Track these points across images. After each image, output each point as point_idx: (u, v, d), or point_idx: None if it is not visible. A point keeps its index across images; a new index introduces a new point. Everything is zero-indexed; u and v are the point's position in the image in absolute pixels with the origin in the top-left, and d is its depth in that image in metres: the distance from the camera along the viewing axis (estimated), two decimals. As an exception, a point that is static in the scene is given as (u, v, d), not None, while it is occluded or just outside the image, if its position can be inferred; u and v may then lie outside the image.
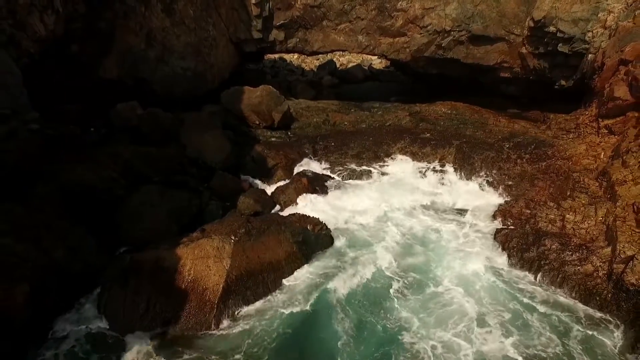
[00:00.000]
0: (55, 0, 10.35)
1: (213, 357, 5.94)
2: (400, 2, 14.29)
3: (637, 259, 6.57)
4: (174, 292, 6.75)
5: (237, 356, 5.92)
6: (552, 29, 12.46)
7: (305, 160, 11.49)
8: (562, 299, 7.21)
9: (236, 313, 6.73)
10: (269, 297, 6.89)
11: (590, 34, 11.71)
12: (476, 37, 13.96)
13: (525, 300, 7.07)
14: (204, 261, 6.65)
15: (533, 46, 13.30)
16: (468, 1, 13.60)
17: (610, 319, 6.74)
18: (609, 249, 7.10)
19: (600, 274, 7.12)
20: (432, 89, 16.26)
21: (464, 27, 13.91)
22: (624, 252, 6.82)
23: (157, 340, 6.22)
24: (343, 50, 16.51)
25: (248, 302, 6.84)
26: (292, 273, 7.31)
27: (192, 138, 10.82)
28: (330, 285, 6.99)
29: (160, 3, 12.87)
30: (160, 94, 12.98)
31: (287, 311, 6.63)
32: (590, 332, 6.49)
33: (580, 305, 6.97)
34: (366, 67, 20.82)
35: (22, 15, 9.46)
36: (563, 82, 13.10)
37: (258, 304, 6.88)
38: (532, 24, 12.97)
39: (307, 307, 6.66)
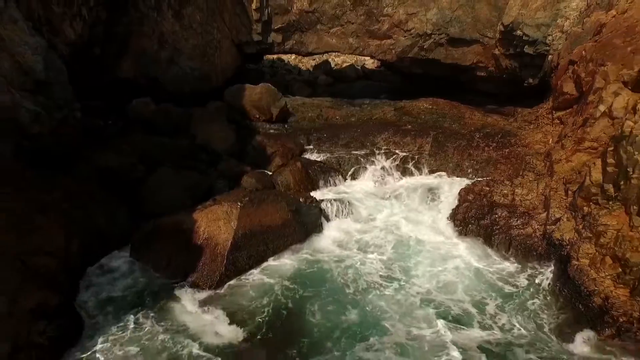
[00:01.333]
0: (83, 8, 12.26)
1: (222, 299, 7.78)
2: (386, 8, 16.23)
3: (562, 220, 8.49)
4: (191, 248, 8.64)
5: (242, 301, 7.73)
6: (519, 32, 14.40)
7: (300, 148, 13.36)
8: (507, 256, 9.08)
9: (242, 265, 8.61)
10: (269, 252, 8.77)
11: (550, 38, 13.65)
12: (454, 40, 15.89)
13: (475, 258, 8.94)
14: (215, 222, 8.55)
15: (504, 48, 15.23)
16: (446, 7, 15.53)
17: (542, 270, 8.62)
18: (545, 214, 9.02)
19: (537, 234, 9.04)
20: (418, 87, 18.15)
21: (443, 31, 15.85)
22: (555, 215, 8.74)
23: (178, 288, 8.04)
24: (335, 52, 18.44)
25: (251, 257, 8.71)
26: (288, 235, 9.18)
27: (200, 129, 12.76)
28: (320, 242, 8.89)
29: (170, 9, 14.81)
30: (171, 91, 14.90)
31: (281, 263, 8.51)
32: (526, 280, 8.36)
33: (521, 259, 8.84)
34: (359, 68, 22.73)
35: (57, 23, 11.39)
36: (530, 80, 15.02)
37: (259, 258, 8.74)
38: (502, 28, 14.90)
39: (297, 260, 8.55)
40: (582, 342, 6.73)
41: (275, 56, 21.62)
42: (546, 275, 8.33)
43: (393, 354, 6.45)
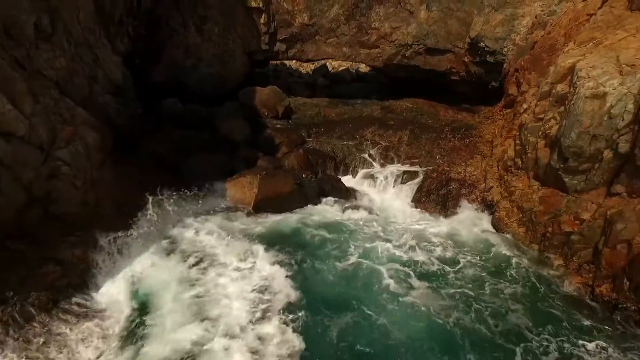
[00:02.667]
0: (129, 27, 16.11)
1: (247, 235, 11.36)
2: (374, 23, 20.11)
3: (493, 187, 12.30)
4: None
5: (259, 235, 11.30)
6: (482, 44, 18.25)
7: (302, 140, 17.17)
8: (462, 214, 12.78)
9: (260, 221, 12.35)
10: (279, 211, 12.54)
11: (505, 49, 17.51)
12: (431, 50, 19.75)
13: (432, 219, 12.66)
14: (241, 189, 12.34)
15: (472, 56, 19.08)
16: (424, 22, 19.40)
17: (485, 224, 12.29)
18: (484, 184, 12.84)
19: (478, 199, 12.83)
20: (403, 88, 21.94)
21: (422, 42, 19.72)
22: (489, 184, 12.56)
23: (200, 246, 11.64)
24: (332, 59, 22.30)
25: (266, 216, 12.46)
26: (293, 201, 12.97)
27: (222, 124, 16.60)
28: (316, 208, 12.67)
29: (194, 25, 18.68)
30: (194, 93, 18.72)
31: (288, 220, 12.25)
32: (471, 226, 12.03)
33: (467, 218, 12.54)
34: (353, 71, 26.61)
35: (112, 40, 15.19)
36: (493, 83, 18.84)
37: (272, 216, 12.47)
38: (469, 40, 18.76)
39: (299, 217, 12.30)
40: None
41: (278, 62, 25.41)
42: (483, 225, 12.03)
43: (353, 266, 9.98)
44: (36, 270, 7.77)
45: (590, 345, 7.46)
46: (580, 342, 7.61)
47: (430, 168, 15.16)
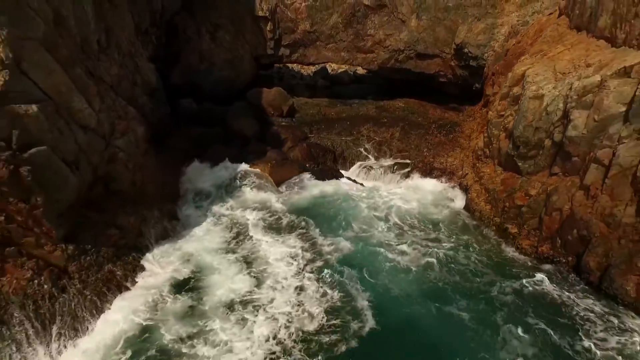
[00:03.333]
0: (153, 37, 18.72)
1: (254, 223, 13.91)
2: (369, 30, 22.74)
3: (468, 174, 14.88)
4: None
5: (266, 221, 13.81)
6: (466, 50, 20.86)
7: (305, 135, 19.74)
8: (440, 195, 15.34)
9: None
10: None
11: (486, 55, 20.11)
12: (421, 54, 22.36)
13: (417, 199, 15.23)
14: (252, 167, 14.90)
15: (457, 61, 21.69)
16: (414, 30, 22.01)
17: (457, 202, 14.89)
18: (461, 172, 15.43)
19: (459, 183, 15.40)
20: (397, 89, 24.44)
21: (412, 47, 22.33)
22: (465, 172, 15.15)
23: (225, 219, 14.22)
24: (331, 62, 24.94)
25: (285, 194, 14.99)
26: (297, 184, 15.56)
27: (234, 121, 19.18)
28: (324, 190, 15.28)
29: (208, 33, 21.29)
30: (207, 94, 21.29)
31: (298, 194, 14.80)
32: (450, 205, 14.57)
33: (444, 199, 15.12)
34: (352, 73, 29.20)
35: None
36: (477, 85, 21.42)
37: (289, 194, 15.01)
38: (455, 46, 21.37)
39: (306, 192, 14.90)
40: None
41: (282, 65, 28.00)
42: (454, 202, 14.60)
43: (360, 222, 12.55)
44: (103, 232, 10.35)
45: (534, 281, 10.00)
46: (526, 281, 10.17)
47: (418, 159, 17.75)
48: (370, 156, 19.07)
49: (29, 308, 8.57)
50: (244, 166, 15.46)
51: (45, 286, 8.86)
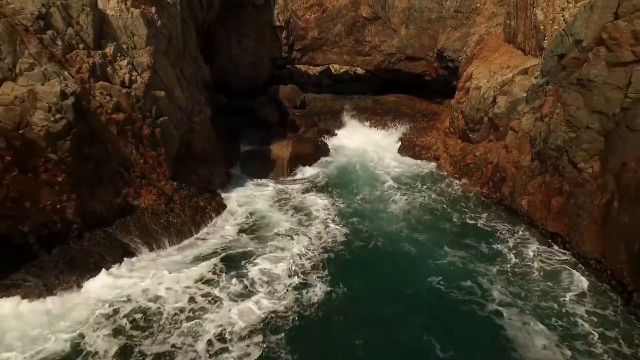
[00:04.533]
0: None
1: (286, 181, 19.96)
2: (367, 37, 28.99)
3: (440, 147, 21.06)
4: (268, 161, 21.13)
5: (296, 186, 19.83)
6: (445, 54, 27.12)
7: (314, 123, 25.94)
8: (420, 165, 21.52)
9: (293, 171, 21.03)
10: (304, 163, 21.28)
11: (460, 58, 26.35)
12: (409, 57, 28.62)
13: (403, 167, 21.39)
14: (280, 149, 21.10)
15: (439, 62, 27.94)
16: (404, 38, 28.28)
17: (430, 167, 21.06)
18: (435, 146, 21.60)
19: (428, 155, 21.58)
20: (391, 86, 30.74)
21: (402, 52, 28.60)
22: (437, 146, 21.35)
23: (262, 182, 20.26)
24: (335, 64, 31.17)
25: (297, 164, 21.17)
26: (312, 157, 21.74)
27: (260, 110, 25.42)
28: (343, 158, 21.46)
29: (235, 41, 27.51)
30: (234, 89, 27.48)
31: (313, 171, 20.94)
32: (426, 170, 20.72)
33: (423, 167, 21.28)
34: (352, 73, 35.48)
35: (187, 53, 23.93)
36: (455, 82, 27.62)
37: (301, 167, 21.18)
38: (437, 51, 27.62)
39: (317, 165, 21.07)
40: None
41: (292, 65, 34.22)
42: (430, 168, 20.74)
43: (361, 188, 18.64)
44: (189, 177, 16.44)
45: (476, 215, 16.08)
46: (474, 215, 16.23)
47: (404, 140, 23.96)
48: (363, 132, 25.28)
49: (154, 218, 14.63)
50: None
51: (162, 206, 14.92)
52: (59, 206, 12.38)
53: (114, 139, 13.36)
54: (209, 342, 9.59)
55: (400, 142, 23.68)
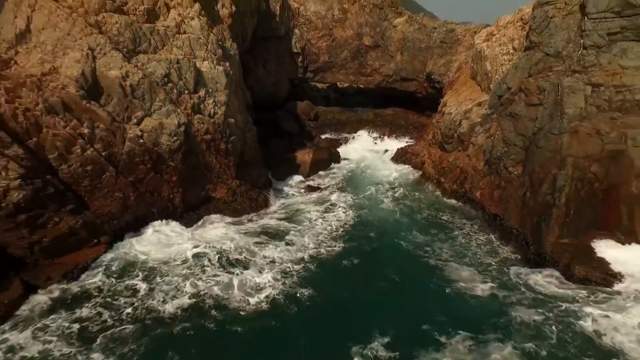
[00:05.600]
0: (231, 70, 32.79)
1: (309, 180, 27.84)
2: (369, 61, 37.03)
3: (425, 155, 29.00)
4: (294, 165, 29.06)
5: (316, 185, 27.77)
6: (432, 76, 35.18)
7: (326, 132, 33.91)
8: (410, 169, 29.49)
9: (314, 170, 28.98)
10: (321, 168, 29.24)
11: (444, 80, 34.35)
12: (404, 78, 36.67)
13: (398, 175, 29.33)
14: (303, 155, 29.06)
15: (428, 83, 35.98)
16: (399, 62, 36.31)
17: (419, 172, 28.99)
18: (422, 154, 29.58)
19: (419, 161, 29.58)
20: (389, 101, 38.77)
21: (398, 73, 36.64)
22: (423, 153, 29.30)
23: (290, 181, 28.09)
24: (342, 82, 39.16)
25: (318, 168, 29.13)
26: (326, 163, 29.71)
27: (282, 123, 33.40)
28: (352, 164, 29.50)
29: (261, 65, 35.45)
30: (260, 105, 35.36)
31: (329, 173, 28.91)
32: (414, 175, 28.66)
33: (412, 170, 29.25)
34: (355, 86, 43.44)
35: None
36: (441, 99, 35.64)
37: (320, 170, 29.15)
38: (426, 74, 35.66)
39: (331, 169, 29.05)
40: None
41: (306, 83, 42.16)
42: (417, 170, 28.66)
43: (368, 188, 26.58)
44: (244, 177, 24.32)
45: (447, 203, 23.94)
46: (446, 203, 24.12)
47: (399, 148, 31.92)
48: (369, 144, 33.24)
49: (225, 205, 22.43)
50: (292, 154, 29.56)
51: (230, 197, 22.75)
52: (171, 196, 20.27)
53: (204, 152, 21.23)
54: (260, 266, 17.14)
55: (395, 151, 31.59)
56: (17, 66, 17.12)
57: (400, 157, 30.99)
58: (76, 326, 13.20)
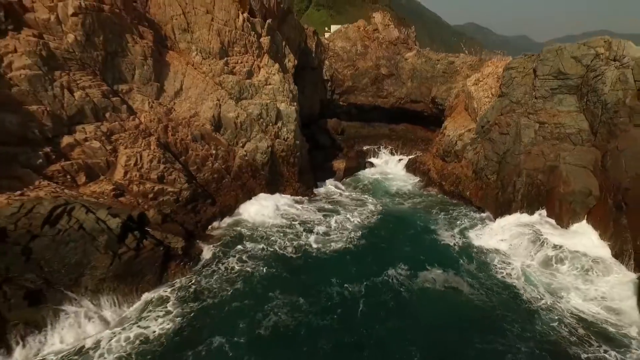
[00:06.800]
0: (279, 96, 44.75)
1: (343, 182, 39.63)
2: (385, 86, 49.15)
3: (431, 165, 40.90)
4: (331, 171, 40.99)
5: (349, 186, 39.57)
6: (436, 100, 47.31)
7: (352, 144, 45.84)
8: (419, 175, 41.42)
9: (346, 178, 40.88)
10: (351, 173, 41.20)
11: (446, 103, 46.39)
12: (413, 100, 48.80)
13: (409, 180, 41.22)
14: (338, 163, 41.02)
15: (432, 105, 48.09)
16: (409, 88, 48.42)
17: (424, 178, 40.89)
18: (428, 164, 41.48)
19: (427, 169, 41.51)
20: (401, 118, 50.66)
21: (408, 96, 48.76)
22: (429, 164, 41.26)
23: (329, 183, 39.94)
24: (363, 103, 51.15)
25: (350, 173, 41.05)
26: (355, 169, 41.68)
27: (319, 136, 45.33)
28: (373, 170, 41.50)
29: (300, 90, 47.35)
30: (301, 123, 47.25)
31: (358, 178, 40.80)
32: (421, 181, 40.53)
33: (421, 176, 41.16)
34: (374, 105, 55.30)
35: (276, 103, 43.80)
36: (443, 118, 47.62)
37: (351, 175, 41.10)
38: (431, 97, 47.74)
39: (360, 174, 41.01)
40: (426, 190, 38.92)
41: (332, 102, 54.02)
42: (424, 177, 40.52)
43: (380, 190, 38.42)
44: (300, 181, 36.18)
45: (445, 200, 35.72)
46: (444, 200, 35.89)
47: (409, 158, 43.86)
48: (386, 155, 45.25)
49: (290, 199, 34.34)
50: (330, 163, 41.38)
51: (294, 194, 34.62)
52: (261, 193, 32.01)
53: (280, 165, 33.04)
54: (318, 231, 28.85)
55: (407, 160, 43.46)
56: (175, 112, 28.86)
57: (411, 165, 42.84)
58: (239, 257, 24.96)
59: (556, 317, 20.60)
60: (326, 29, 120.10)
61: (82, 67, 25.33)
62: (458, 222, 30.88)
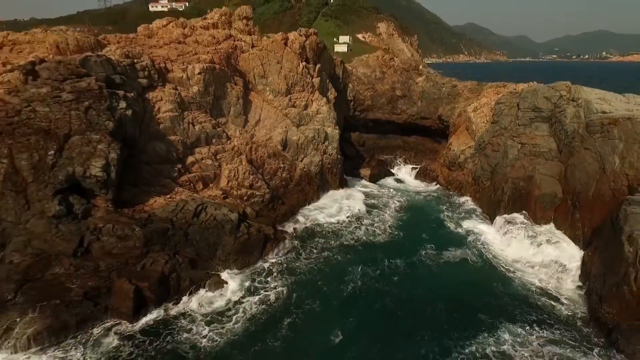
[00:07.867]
0: (313, 115, 57.72)
1: (369, 190, 52.43)
2: (399, 105, 62.60)
3: (438, 170, 53.98)
4: (358, 176, 54.00)
5: (375, 189, 52.30)
6: (442, 117, 60.79)
7: (372, 155, 58.89)
8: (432, 187, 54.49)
9: (374, 179, 53.85)
10: (378, 178, 54.26)
11: (450, 120, 59.61)
12: (423, 117, 62.36)
13: (422, 184, 54.27)
14: (365, 170, 54.23)
15: (439, 121, 61.63)
16: (419, 107, 61.87)
17: (436, 185, 53.92)
18: (437, 172, 54.57)
19: (435, 175, 54.62)
20: (413, 131, 63.76)
21: (419, 114, 62.23)
22: (437, 172, 54.41)
23: (358, 185, 52.81)
24: (380, 118, 64.27)
25: (376, 178, 54.07)
26: (378, 176, 54.76)
27: (347, 148, 58.42)
28: (392, 177, 54.64)
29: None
30: (328, 136, 60.29)
31: (381, 183, 53.82)
32: (433, 186, 53.55)
33: (431, 181, 54.20)
34: (390, 119, 68.45)
35: (312, 121, 56.71)
36: (447, 132, 60.83)
37: (375, 181, 54.12)
38: (438, 115, 61.07)
39: (383, 180, 54.10)
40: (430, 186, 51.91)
41: (353, 117, 67.03)
42: (433, 183, 53.55)
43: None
44: (335, 188, 49.16)
45: (450, 199, 48.64)
46: (450, 199, 48.85)
47: (421, 167, 57.00)
48: (401, 164, 58.48)
49: (333, 193, 47.37)
50: (358, 170, 54.32)
51: (337, 190, 47.61)
52: (313, 196, 44.86)
53: (327, 174, 45.97)
54: (365, 223, 41.63)
55: (419, 168, 56.47)
56: (255, 136, 41.57)
57: (422, 172, 55.84)
58: (312, 245, 37.61)
59: (529, 271, 33.88)
60: (335, 39, 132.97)
61: (199, 107, 37.98)
62: (461, 217, 43.99)
